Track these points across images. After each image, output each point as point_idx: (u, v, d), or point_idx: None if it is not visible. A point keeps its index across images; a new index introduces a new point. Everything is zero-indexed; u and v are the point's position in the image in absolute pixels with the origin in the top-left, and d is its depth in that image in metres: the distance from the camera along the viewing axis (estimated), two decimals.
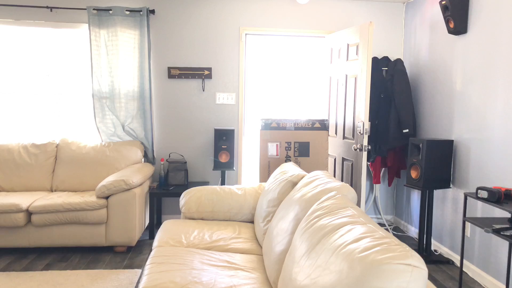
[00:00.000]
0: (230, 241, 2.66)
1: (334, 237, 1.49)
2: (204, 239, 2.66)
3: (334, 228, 1.55)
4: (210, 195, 3.14)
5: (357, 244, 1.33)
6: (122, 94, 4.29)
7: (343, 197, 1.88)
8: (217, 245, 2.59)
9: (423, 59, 4.16)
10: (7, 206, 3.39)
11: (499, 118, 3.05)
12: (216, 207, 3.10)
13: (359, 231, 1.42)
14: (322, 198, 1.94)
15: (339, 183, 2.14)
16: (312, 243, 1.61)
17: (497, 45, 3.08)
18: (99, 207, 3.52)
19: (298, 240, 1.76)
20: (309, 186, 2.23)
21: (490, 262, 3.14)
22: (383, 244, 1.28)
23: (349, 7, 4.55)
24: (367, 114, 3.69)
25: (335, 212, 1.70)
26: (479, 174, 3.28)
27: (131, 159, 4.17)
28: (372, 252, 1.23)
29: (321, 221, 1.68)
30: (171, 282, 1.93)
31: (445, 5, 3.45)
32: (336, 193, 1.93)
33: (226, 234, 2.77)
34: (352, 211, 1.66)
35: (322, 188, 2.10)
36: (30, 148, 4.10)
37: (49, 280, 3.06)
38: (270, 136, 3.96)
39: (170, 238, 2.63)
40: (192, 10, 4.43)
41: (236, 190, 3.20)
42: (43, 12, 4.24)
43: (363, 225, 1.47)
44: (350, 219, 1.56)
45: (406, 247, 1.25)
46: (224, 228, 2.87)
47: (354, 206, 1.74)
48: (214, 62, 4.49)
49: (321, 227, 1.63)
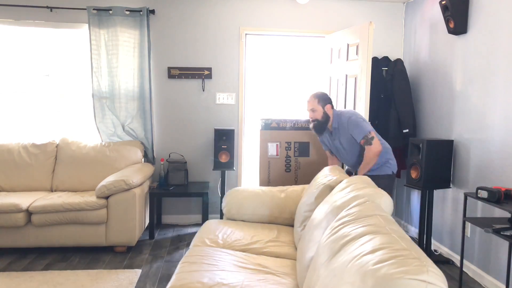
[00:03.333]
0: (266, 244, 2.62)
1: (353, 246, 1.43)
2: (241, 240, 2.64)
3: (356, 237, 1.49)
4: (251, 197, 3.11)
5: (372, 255, 1.27)
6: (122, 94, 4.29)
7: (372, 204, 1.80)
8: (253, 248, 2.56)
9: (423, 59, 4.16)
10: (7, 206, 3.39)
11: (499, 118, 3.05)
12: (257, 210, 3.08)
13: (378, 241, 1.36)
14: (351, 205, 1.87)
15: (374, 189, 2.04)
16: (333, 251, 1.55)
17: (497, 45, 3.08)
18: (99, 207, 3.52)
19: (322, 247, 1.70)
20: (343, 192, 2.16)
21: (490, 262, 3.14)
22: (399, 256, 1.20)
23: (349, 7, 4.55)
24: (367, 114, 3.69)
25: (360, 219, 1.64)
26: (479, 174, 3.28)
27: (131, 159, 4.17)
28: (386, 265, 1.17)
29: (344, 228, 1.62)
30: (198, 283, 1.94)
31: (445, 5, 3.45)
32: (366, 200, 1.85)
33: (264, 237, 2.73)
34: (379, 219, 1.59)
35: (354, 194, 2.01)
36: (30, 148, 4.10)
37: (49, 280, 3.05)
38: (270, 136, 3.96)
39: (207, 237, 2.66)
40: (192, 10, 4.43)
41: (278, 193, 3.16)
42: (43, 12, 4.24)
43: (386, 235, 1.41)
44: (373, 228, 1.50)
45: (424, 261, 1.17)
46: (262, 231, 2.84)
47: (382, 214, 1.66)
48: (214, 62, 4.49)
49: (343, 235, 1.57)
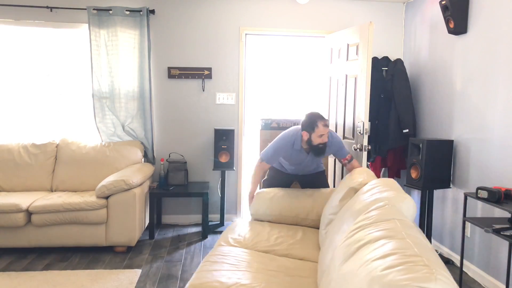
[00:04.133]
0: (290, 246, 2.60)
1: (366, 251, 1.40)
2: (264, 241, 2.63)
3: (370, 241, 1.47)
4: (278, 198, 3.11)
5: (382, 260, 1.25)
6: (122, 94, 4.29)
7: (391, 208, 1.75)
8: (276, 249, 2.55)
9: (423, 59, 4.16)
10: (7, 206, 3.39)
11: (499, 118, 3.05)
12: (284, 211, 3.06)
13: (391, 246, 1.33)
14: (370, 208, 1.83)
15: (396, 192, 1.99)
16: (346, 255, 1.53)
17: (497, 45, 3.08)
18: (99, 207, 3.52)
19: (337, 250, 1.67)
20: (366, 194, 2.13)
21: (490, 262, 3.14)
22: (409, 262, 1.17)
23: (349, 7, 4.55)
24: (367, 114, 3.69)
25: (377, 224, 1.61)
26: (479, 174, 3.28)
27: (131, 159, 4.17)
28: (394, 271, 1.15)
29: (360, 232, 1.60)
30: (217, 282, 1.96)
31: (445, 5, 3.45)
32: (385, 204, 1.82)
33: (289, 238, 2.72)
34: (396, 223, 1.56)
35: (375, 198, 1.98)
36: (30, 148, 4.10)
37: (49, 280, 3.05)
38: (270, 136, 3.96)
39: (232, 237, 2.66)
40: (192, 10, 4.43)
41: (306, 194, 3.14)
42: (43, 12, 4.24)
43: (400, 240, 1.37)
44: (388, 233, 1.47)
45: (434, 268, 1.13)
46: (288, 232, 2.82)
47: (400, 218, 1.63)
48: (214, 62, 4.49)
49: (357, 239, 1.55)
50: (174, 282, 3.09)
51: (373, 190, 2.14)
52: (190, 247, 3.84)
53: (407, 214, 1.88)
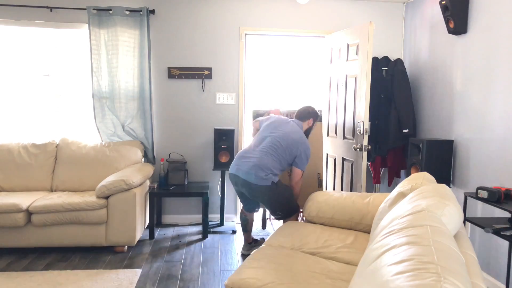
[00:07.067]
0: (338, 249, 2.56)
1: (389, 255, 1.38)
2: (312, 243, 2.62)
3: (395, 246, 1.43)
4: (332, 201, 3.08)
5: (396, 266, 1.24)
6: (122, 94, 4.29)
7: (427, 214, 1.68)
8: (322, 252, 2.53)
9: (423, 59, 4.16)
10: (7, 206, 3.39)
11: (499, 118, 3.05)
12: (336, 214, 3.03)
13: (411, 252, 1.30)
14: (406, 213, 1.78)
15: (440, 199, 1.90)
16: (371, 259, 1.51)
17: (497, 45, 3.08)
18: (99, 207, 3.52)
19: (367, 253, 1.64)
20: (410, 199, 2.07)
21: (490, 262, 3.14)
22: (421, 269, 1.15)
23: (349, 7, 4.55)
24: (367, 114, 3.69)
25: (407, 229, 1.56)
26: (479, 174, 3.28)
27: (131, 159, 4.17)
28: (402, 277, 1.14)
29: (389, 237, 1.57)
30: (254, 279, 2.02)
31: (445, 5, 3.45)
32: (423, 209, 1.75)
33: (338, 242, 2.68)
34: (427, 229, 1.50)
35: (416, 204, 1.90)
36: (30, 148, 4.10)
37: (49, 280, 3.05)
38: None
39: (281, 238, 2.68)
40: (192, 10, 4.43)
41: (361, 198, 3.08)
42: (43, 12, 4.24)
43: (424, 246, 1.33)
44: (414, 239, 1.42)
45: (446, 276, 1.10)
46: (338, 236, 2.79)
47: (433, 225, 1.56)
48: (214, 62, 4.49)
49: (384, 244, 1.52)
50: (174, 282, 3.09)
51: (419, 195, 2.06)
52: (190, 247, 3.84)
53: (447, 221, 1.80)
